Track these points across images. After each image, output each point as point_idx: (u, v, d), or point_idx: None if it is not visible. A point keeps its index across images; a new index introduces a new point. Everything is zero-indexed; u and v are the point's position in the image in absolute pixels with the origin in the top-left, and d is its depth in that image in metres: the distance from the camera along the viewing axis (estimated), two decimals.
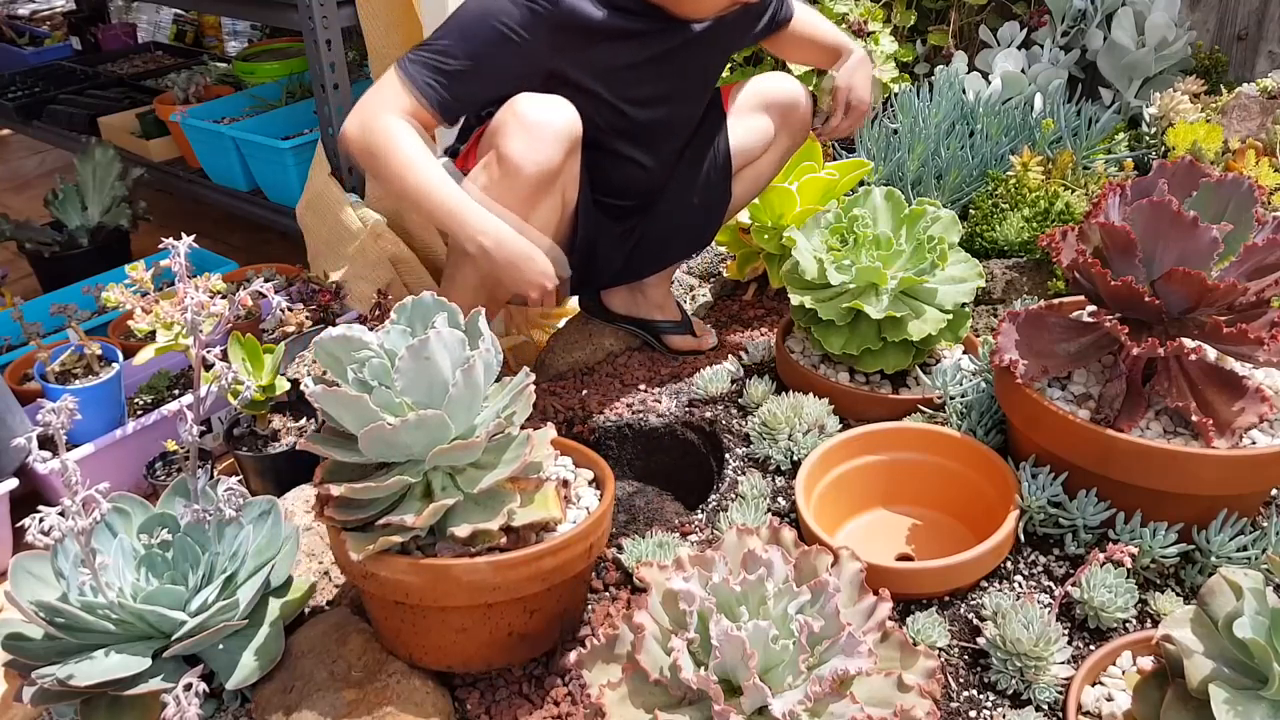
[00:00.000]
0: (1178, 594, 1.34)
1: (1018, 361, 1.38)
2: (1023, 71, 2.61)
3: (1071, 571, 1.38)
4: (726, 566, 1.05)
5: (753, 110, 1.95)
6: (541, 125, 1.59)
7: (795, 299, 1.73)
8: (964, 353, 1.83)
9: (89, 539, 1.12)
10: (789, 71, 2.47)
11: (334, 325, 1.42)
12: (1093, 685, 1.19)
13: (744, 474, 1.64)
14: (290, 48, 3.40)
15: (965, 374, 1.67)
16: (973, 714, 1.21)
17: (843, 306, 1.69)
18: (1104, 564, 1.28)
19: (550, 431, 1.31)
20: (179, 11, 4.69)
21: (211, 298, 1.33)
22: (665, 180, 1.91)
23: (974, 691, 1.24)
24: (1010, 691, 1.22)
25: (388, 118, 1.55)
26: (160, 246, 1.35)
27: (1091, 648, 1.27)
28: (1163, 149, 2.24)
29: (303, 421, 1.78)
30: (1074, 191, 2.08)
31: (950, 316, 1.68)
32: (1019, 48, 2.68)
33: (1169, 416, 1.37)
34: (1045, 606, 1.29)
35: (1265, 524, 1.37)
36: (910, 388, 1.77)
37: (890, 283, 1.68)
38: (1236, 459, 1.27)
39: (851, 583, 1.08)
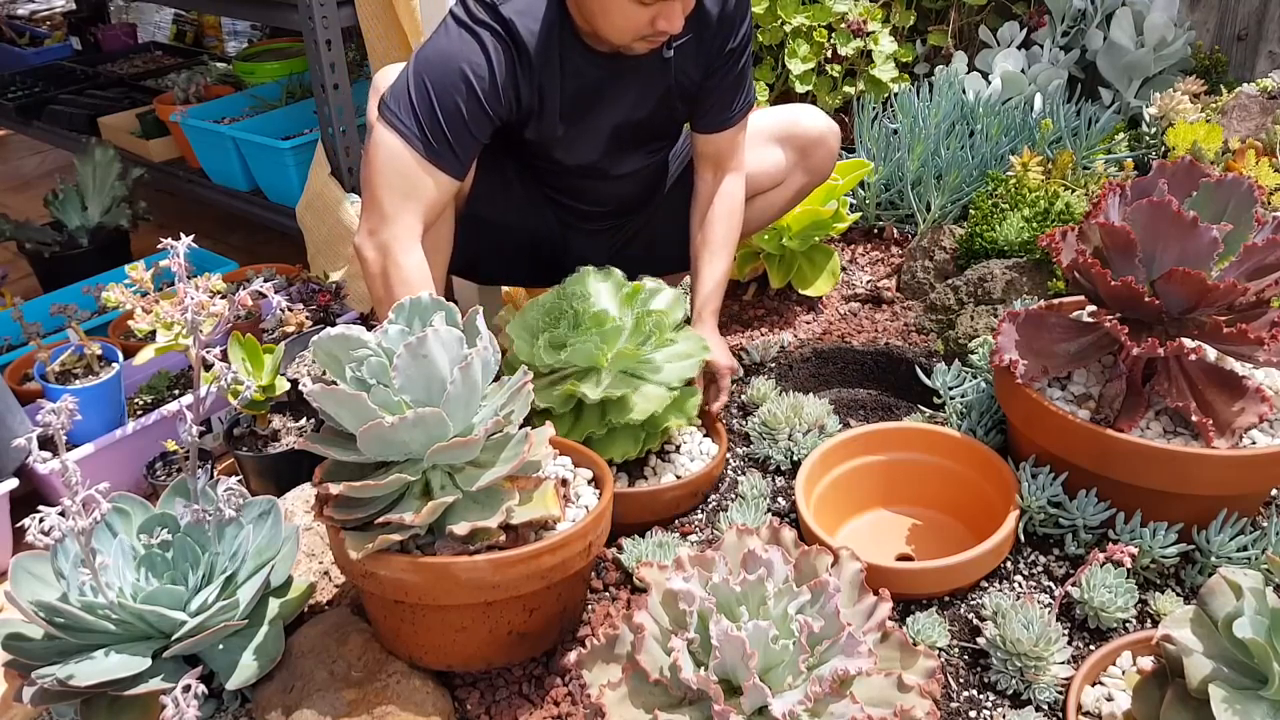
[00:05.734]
0: (1178, 594, 1.34)
1: (1018, 361, 1.38)
2: (1022, 71, 2.61)
3: (1071, 571, 1.38)
4: (726, 566, 1.05)
5: (767, 141, 1.87)
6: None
7: None
8: (705, 435, 1.67)
9: (89, 539, 1.12)
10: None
11: (334, 325, 1.42)
12: (1093, 685, 1.19)
13: (744, 474, 1.64)
14: (290, 48, 3.40)
15: (965, 374, 1.67)
16: (973, 714, 1.21)
17: (556, 393, 1.52)
18: (1104, 564, 1.28)
19: (549, 430, 1.31)
20: (179, 11, 4.69)
21: (211, 298, 1.33)
22: (651, 189, 1.88)
23: (974, 691, 1.24)
24: (1010, 691, 1.22)
25: (411, 247, 1.53)
26: (160, 246, 1.34)
27: (1091, 648, 1.27)
28: (1163, 149, 2.24)
29: (303, 421, 1.78)
30: (1074, 191, 2.08)
31: (675, 393, 1.54)
32: (1019, 48, 2.68)
33: (1169, 416, 1.37)
34: (1045, 606, 1.28)
35: (1265, 524, 1.37)
36: (648, 479, 1.59)
37: (609, 363, 1.53)
38: (1236, 459, 1.27)
39: (851, 583, 1.08)
